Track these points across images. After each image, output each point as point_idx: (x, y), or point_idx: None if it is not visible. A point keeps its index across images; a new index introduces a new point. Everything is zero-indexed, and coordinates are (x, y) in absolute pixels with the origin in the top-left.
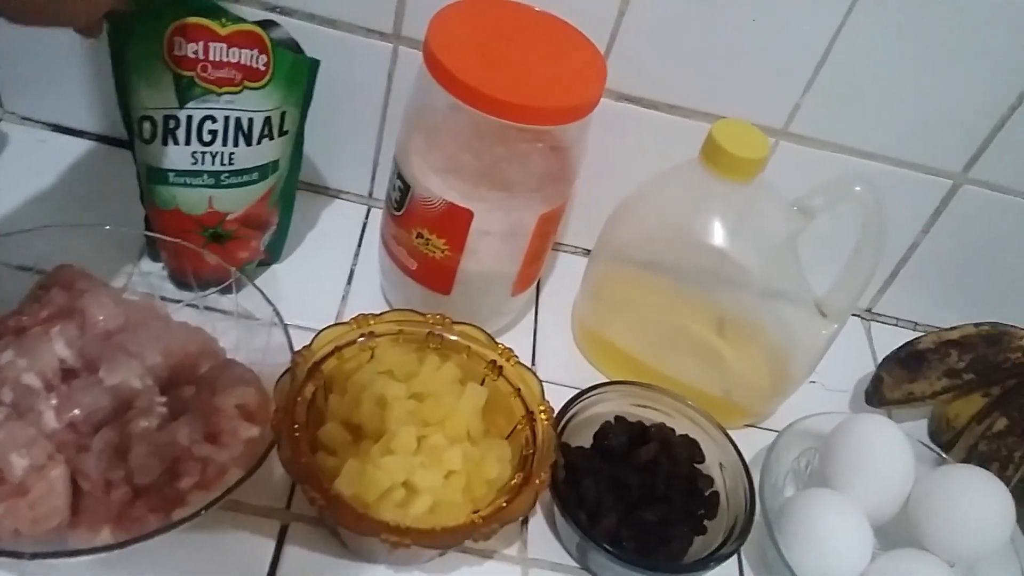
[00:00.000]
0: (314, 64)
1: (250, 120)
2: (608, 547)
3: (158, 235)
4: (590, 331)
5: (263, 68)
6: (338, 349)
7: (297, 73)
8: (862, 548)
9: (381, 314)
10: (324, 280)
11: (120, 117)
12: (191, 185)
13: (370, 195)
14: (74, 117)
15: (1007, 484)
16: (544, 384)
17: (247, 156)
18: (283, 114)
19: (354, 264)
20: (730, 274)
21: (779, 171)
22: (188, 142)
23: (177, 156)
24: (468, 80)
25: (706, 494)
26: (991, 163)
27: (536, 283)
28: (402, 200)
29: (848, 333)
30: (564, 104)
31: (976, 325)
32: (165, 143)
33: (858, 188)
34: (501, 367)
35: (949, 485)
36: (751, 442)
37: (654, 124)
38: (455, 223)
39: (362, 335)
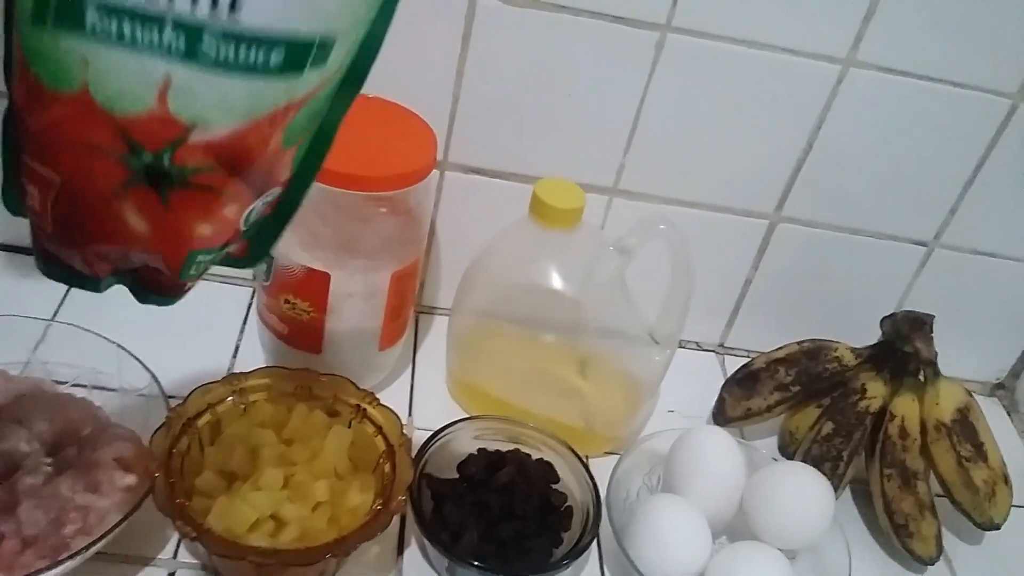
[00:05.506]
0: None
1: None
2: (470, 560)
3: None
4: (461, 381)
5: None
6: (212, 406)
7: None
8: (701, 542)
9: (252, 372)
10: (209, 357)
11: None
12: (132, 46)
13: (254, 278)
14: None
15: (840, 480)
16: (421, 432)
17: (267, 7)
18: None
19: (239, 340)
20: (569, 313)
21: (616, 225)
22: None
23: None
24: None
25: (561, 509)
26: (797, 202)
27: (413, 340)
28: (268, 270)
29: (704, 367)
30: (400, 171)
31: (799, 343)
32: None
33: (662, 226)
34: (365, 410)
35: (774, 480)
36: (612, 468)
37: (499, 190)
38: (315, 286)
39: (234, 392)
